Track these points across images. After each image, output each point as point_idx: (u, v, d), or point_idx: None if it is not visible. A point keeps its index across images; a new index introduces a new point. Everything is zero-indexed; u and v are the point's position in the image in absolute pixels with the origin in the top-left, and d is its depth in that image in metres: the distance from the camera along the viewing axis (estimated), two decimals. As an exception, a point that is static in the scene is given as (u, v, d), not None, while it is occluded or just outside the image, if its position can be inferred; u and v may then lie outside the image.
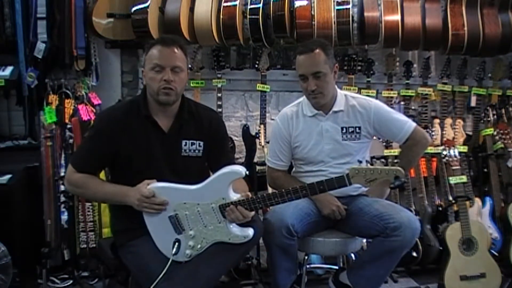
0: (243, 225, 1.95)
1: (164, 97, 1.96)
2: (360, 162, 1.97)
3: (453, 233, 2.90)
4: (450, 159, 3.03)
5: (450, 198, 3.29)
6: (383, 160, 3.25)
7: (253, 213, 1.96)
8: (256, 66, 3.26)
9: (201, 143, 2.09)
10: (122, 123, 1.99)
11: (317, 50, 2.27)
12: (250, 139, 3.25)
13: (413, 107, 3.50)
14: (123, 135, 1.98)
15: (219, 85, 3.20)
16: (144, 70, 2.03)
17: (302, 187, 2.01)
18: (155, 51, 1.97)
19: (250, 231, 1.94)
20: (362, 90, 3.29)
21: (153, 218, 1.96)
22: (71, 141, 2.95)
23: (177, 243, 1.92)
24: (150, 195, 1.91)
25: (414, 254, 3.12)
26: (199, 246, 1.94)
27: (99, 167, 2.09)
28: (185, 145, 2.06)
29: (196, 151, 2.08)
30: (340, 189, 2.05)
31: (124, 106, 2.08)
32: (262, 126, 3.23)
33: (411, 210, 3.16)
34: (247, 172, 1.96)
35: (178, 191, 1.96)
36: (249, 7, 3.06)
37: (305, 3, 3.09)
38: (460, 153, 3.11)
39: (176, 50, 1.97)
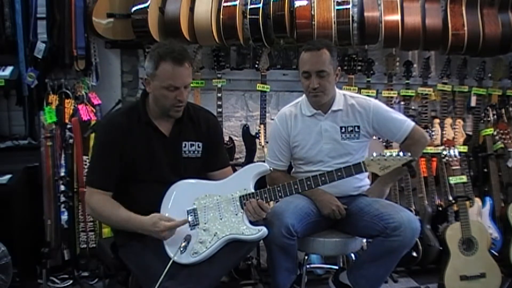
0: (255, 224, 1.99)
1: (176, 113, 2.03)
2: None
3: (453, 233, 2.90)
4: (450, 159, 3.03)
5: (450, 198, 3.29)
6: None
7: (271, 205, 2.02)
8: (256, 66, 3.26)
9: (200, 144, 2.13)
10: (125, 130, 2.01)
11: (324, 50, 2.29)
12: (250, 139, 3.26)
13: (413, 107, 3.50)
14: (127, 142, 2.00)
15: (219, 85, 3.21)
16: (148, 80, 2.01)
17: (321, 174, 2.10)
18: (169, 70, 1.93)
19: (263, 227, 1.97)
20: (362, 90, 3.30)
21: (170, 211, 1.99)
22: (71, 141, 2.96)
23: (187, 240, 1.90)
24: (172, 224, 1.91)
25: (414, 254, 3.12)
26: (209, 242, 1.92)
27: (116, 180, 2.02)
28: (185, 146, 2.10)
29: (196, 152, 2.12)
30: (341, 188, 2.18)
31: (124, 114, 2.08)
32: (262, 126, 3.23)
33: (411, 210, 3.16)
34: (271, 169, 2.14)
35: (201, 185, 2.05)
36: (249, 7, 3.06)
37: (305, 3, 3.09)
38: (460, 153, 3.10)
39: (187, 65, 1.98)
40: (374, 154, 2.09)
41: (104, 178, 2.01)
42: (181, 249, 1.86)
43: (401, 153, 2.07)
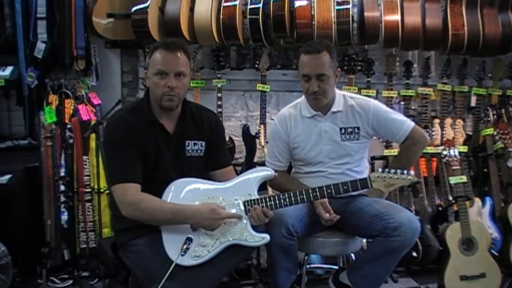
0: (258, 230, 1.99)
1: (168, 103, 1.99)
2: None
3: (453, 233, 2.90)
4: (450, 159, 3.03)
5: (450, 198, 3.29)
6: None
7: (272, 213, 2.02)
8: (256, 66, 3.26)
9: (203, 143, 2.14)
10: (135, 128, 1.99)
11: (324, 52, 2.26)
12: (250, 139, 3.26)
13: (413, 107, 3.50)
14: (137, 140, 1.99)
15: (219, 85, 3.20)
16: (147, 73, 2.04)
17: (327, 186, 2.11)
18: (159, 56, 1.97)
19: (266, 234, 1.98)
20: (362, 90, 3.30)
21: None
22: (71, 141, 2.96)
23: (188, 242, 1.89)
24: (229, 214, 1.96)
25: (414, 254, 3.12)
26: (211, 246, 1.91)
27: (141, 173, 1.98)
28: (188, 145, 2.10)
29: (199, 151, 2.13)
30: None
31: (130, 112, 2.06)
32: (262, 126, 3.23)
33: (411, 210, 3.16)
34: (276, 175, 2.13)
35: (204, 186, 2.03)
36: (249, 7, 3.06)
37: (305, 3, 3.09)
38: (460, 153, 3.10)
39: (179, 55, 1.97)
40: (380, 170, 2.10)
41: (132, 171, 1.95)
42: (182, 252, 1.86)
43: (405, 171, 2.08)
